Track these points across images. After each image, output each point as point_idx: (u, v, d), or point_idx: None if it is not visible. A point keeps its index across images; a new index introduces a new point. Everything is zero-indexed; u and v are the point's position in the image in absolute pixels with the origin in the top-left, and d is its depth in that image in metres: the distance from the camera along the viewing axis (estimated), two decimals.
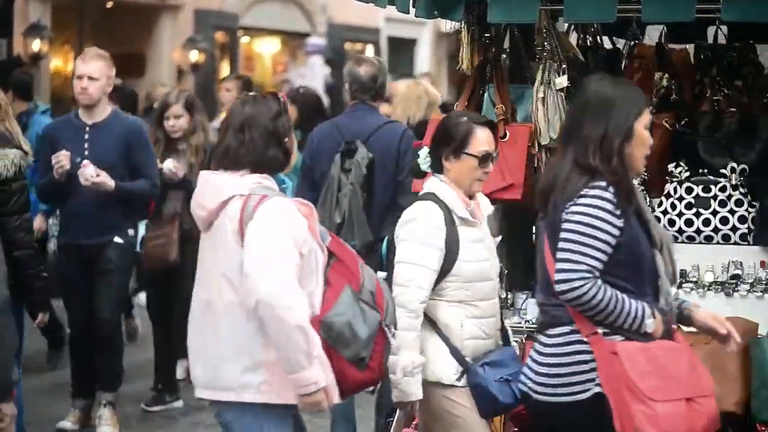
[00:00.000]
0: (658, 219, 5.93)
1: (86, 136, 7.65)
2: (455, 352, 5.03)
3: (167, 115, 8.33)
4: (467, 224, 5.06)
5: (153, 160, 7.88)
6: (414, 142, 7.45)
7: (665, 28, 6.59)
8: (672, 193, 5.98)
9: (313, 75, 18.64)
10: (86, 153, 7.57)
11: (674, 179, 5.99)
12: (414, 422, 5.62)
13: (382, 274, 5.05)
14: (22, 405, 5.02)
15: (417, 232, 5.00)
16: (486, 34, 6.06)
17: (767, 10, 5.17)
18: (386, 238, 5.26)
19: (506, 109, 5.92)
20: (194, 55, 16.34)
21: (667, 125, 6.06)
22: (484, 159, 5.06)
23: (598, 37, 6.58)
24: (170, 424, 8.31)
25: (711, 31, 6.56)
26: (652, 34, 6.73)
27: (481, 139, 5.06)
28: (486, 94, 6.13)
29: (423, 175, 5.23)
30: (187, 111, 8.29)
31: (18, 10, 13.94)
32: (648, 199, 5.98)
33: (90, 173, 7.45)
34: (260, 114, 4.56)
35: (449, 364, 5.03)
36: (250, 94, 4.77)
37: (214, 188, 4.55)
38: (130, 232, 7.79)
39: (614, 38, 6.77)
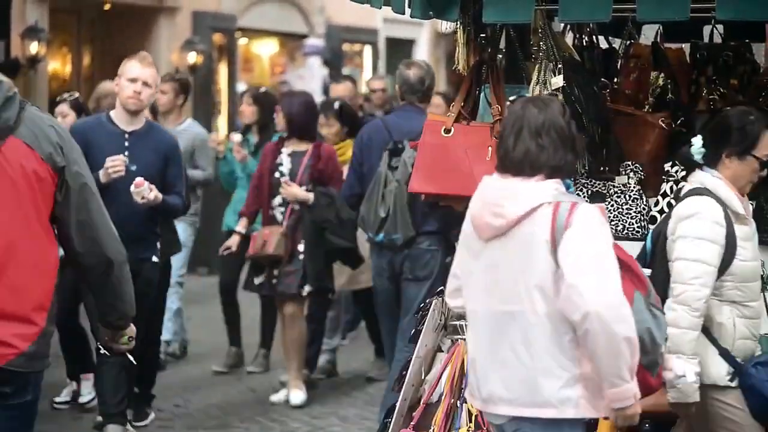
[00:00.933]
0: (655, 218, 5.94)
1: (126, 144, 7.26)
2: (725, 354, 4.96)
3: None
4: (741, 221, 5.01)
5: (183, 177, 7.57)
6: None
7: (661, 27, 6.59)
8: (668, 192, 5.98)
9: (312, 76, 18.63)
10: (127, 162, 7.16)
11: (670, 178, 5.98)
12: (412, 423, 5.62)
13: (646, 272, 4.93)
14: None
15: (698, 228, 4.92)
16: (482, 35, 6.06)
17: (761, 8, 5.17)
18: (651, 232, 5.22)
19: (502, 109, 5.91)
20: (192, 57, 16.32)
21: (663, 125, 6.06)
22: (766, 163, 5.04)
23: (594, 37, 6.58)
24: (168, 427, 8.31)
25: (707, 30, 6.56)
26: (649, 34, 6.73)
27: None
28: (482, 95, 6.13)
29: (693, 165, 5.15)
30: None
31: (15, 12, 13.92)
32: (644, 198, 5.98)
33: (146, 191, 7.09)
34: (555, 117, 4.36)
35: (721, 365, 4.97)
36: (527, 95, 4.59)
37: (516, 195, 4.32)
38: (158, 245, 7.49)
39: (611, 38, 6.77)
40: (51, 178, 4.33)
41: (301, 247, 8.56)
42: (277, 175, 8.66)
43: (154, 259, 7.42)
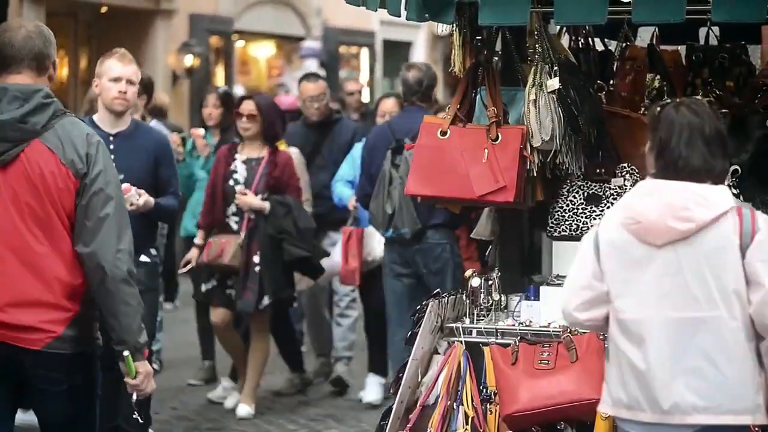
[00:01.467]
0: None
1: (111, 147, 6.73)
2: None
3: None
4: None
5: (177, 175, 7.29)
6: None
7: (657, 29, 6.59)
8: None
9: None
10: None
11: None
12: (408, 425, 5.61)
13: None
14: None
15: None
16: (477, 37, 6.06)
17: (756, 10, 5.18)
18: None
19: (498, 111, 5.91)
20: (189, 60, 16.35)
21: None
22: None
23: (589, 39, 6.58)
24: (166, 430, 8.31)
25: (703, 32, 6.56)
26: (644, 36, 6.74)
27: None
28: (478, 97, 6.14)
29: None
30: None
31: (12, 15, 13.93)
32: None
33: (135, 197, 6.78)
34: (718, 124, 4.37)
35: None
36: (677, 100, 4.50)
37: (705, 200, 4.26)
38: (153, 251, 7.13)
39: (606, 40, 6.77)
40: (72, 183, 4.62)
41: (256, 259, 8.33)
42: (231, 182, 8.45)
43: (143, 258, 6.94)
